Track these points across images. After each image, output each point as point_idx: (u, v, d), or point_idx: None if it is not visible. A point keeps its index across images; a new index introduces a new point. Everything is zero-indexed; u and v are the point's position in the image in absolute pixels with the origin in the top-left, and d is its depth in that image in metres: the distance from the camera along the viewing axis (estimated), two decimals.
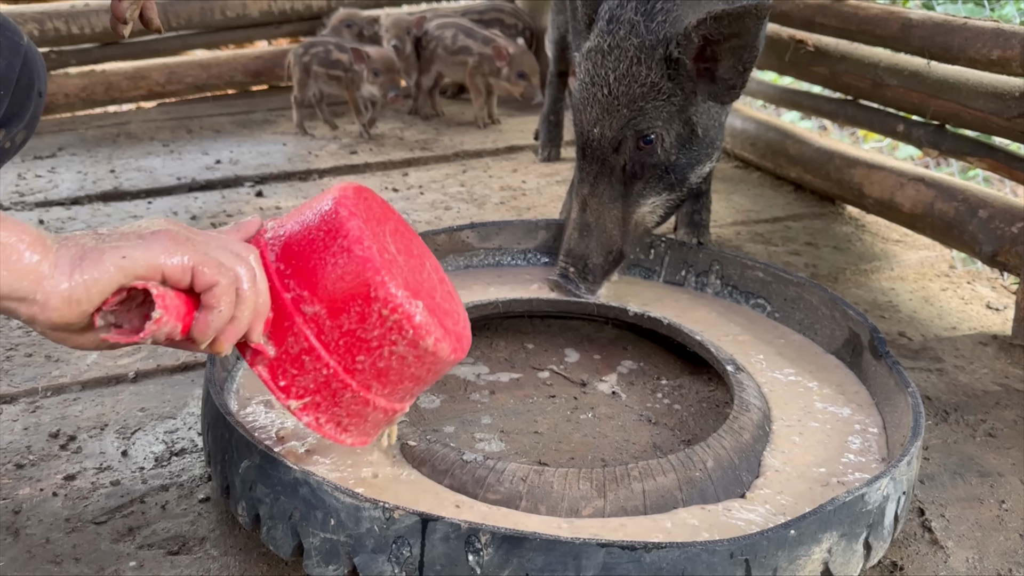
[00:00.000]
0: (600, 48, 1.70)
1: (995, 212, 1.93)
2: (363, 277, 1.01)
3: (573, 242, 1.76)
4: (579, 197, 1.78)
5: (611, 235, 1.77)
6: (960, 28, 1.94)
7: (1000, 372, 1.70)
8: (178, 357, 1.72)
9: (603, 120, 1.71)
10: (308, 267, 1.02)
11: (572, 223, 1.78)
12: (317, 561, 1.05)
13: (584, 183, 1.77)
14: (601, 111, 1.70)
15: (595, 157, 1.74)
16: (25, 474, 1.37)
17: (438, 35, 3.38)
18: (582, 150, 1.76)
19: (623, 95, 1.68)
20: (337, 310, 1.02)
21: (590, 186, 1.76)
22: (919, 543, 1.25)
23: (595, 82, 1.70)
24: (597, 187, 1.76)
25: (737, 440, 1.30)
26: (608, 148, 1.73)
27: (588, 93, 1.72)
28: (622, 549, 0.97)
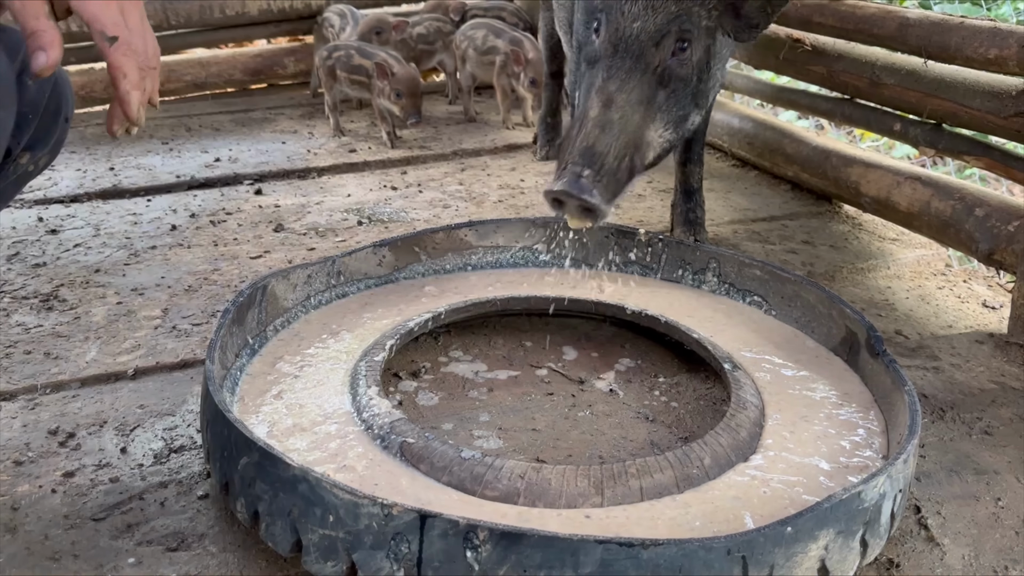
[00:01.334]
0: None
1: (991, 211, 1.94)
2: None
3: (592, 139, 1.58)
4: (603, 94, 1.64)
5: (634, 138, 1.65)
6: (957, 27, 1.95)
7: (996, 370, 1.70)
8: (177, 355, 1.73)
9: (647, 14, 1.65)
10: None
11: (590, 120, 1.62)
12: (316, 557, 1.06)
13: (613, 79, 1.65)
14: (647, 5, 1.65)
15: (630, 52, 1.66)
16: (24, 471, 1.37)
17: (470, 35, 3.38)
18: (614, 46, 1.66)
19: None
20: None
21: (620, 82, 1.65)
22: (915, 540, 1.25)
23: None
24: (627, 84, 1.65)
25: (734, 438, 1.31)
26: (648, 43, 1.66)
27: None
28: (619, 546, 0.97)
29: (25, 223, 2.46)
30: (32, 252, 2.25)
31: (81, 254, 2.24)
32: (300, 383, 1.46)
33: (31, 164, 1.49)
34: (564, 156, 1.60)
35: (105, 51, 1.12)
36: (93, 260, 2.20)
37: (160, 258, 2.22)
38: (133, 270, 2.15)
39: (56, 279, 2.08)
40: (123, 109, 1.16)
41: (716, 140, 3.07)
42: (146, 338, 1.80)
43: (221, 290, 2.03)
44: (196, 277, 2.10)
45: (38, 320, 1.88)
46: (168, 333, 1.82)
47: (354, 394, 1.40)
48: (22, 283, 2.06)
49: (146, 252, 2.26)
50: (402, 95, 3.02)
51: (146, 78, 1.16)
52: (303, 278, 1.70)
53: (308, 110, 3.74)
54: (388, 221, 2.46)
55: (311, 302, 1.71)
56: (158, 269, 2.15)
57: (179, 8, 3.79)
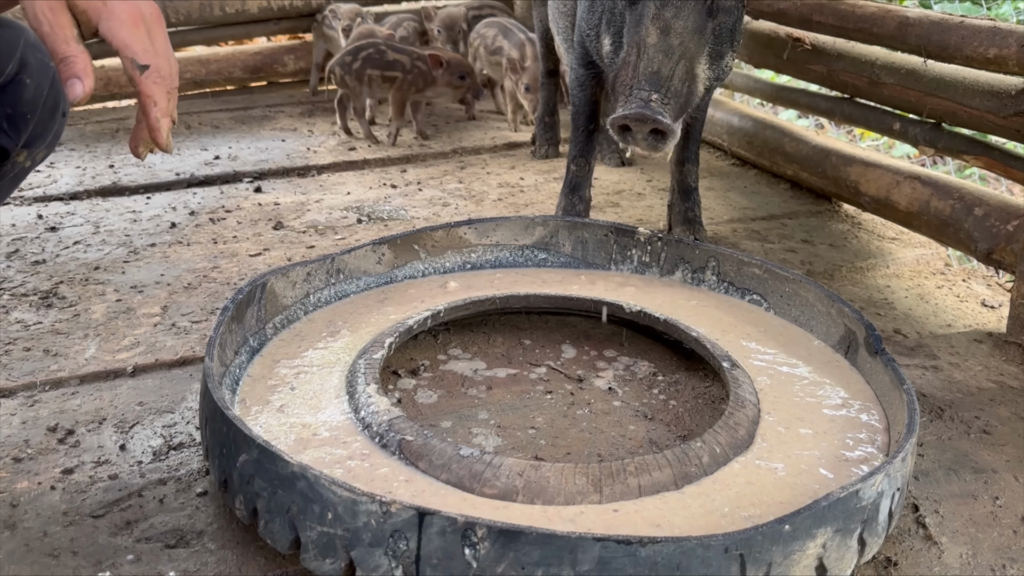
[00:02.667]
0: None
1: (991, 210, 1.94)
2: None
3: (657, 64, 1.58)
4: (659, 21, 1.63)
5: (692, 65, 1.66)
6: (957, 27, 1.95)
7: (995, 369, 1.71)
8: (177, 352, 1.73)
9: None
10: None
11: (651, 47, 1.60)
12: (314, 555, 1.06)
13: (668, 6, 1.64)
14: None
15: None
16: (23, 468, 1.37)
17: (483, 33, 3.39)
18: None
19: None
20: None
21: (675, 9, 1.64)
22: (913, 539, 1.25)
23: None
24: (682, 11, 1.64)
25: (733, 436, 1.31)
26: None
27: None
28: (617, 543, 0.97)
29: (25, 220, 2.46)
30: (32, 249, 2.25)
31: (81, 251, 2.24)
32: (301, 381, 1.46)
33: (28, 160, 1.48)
34: (626, 82, 1.59)
35: (136, 79, 1.12)
36: (93, 257, 2.21)
37: (160, 255, 2.22)
38: (132, 267, 2.15)
39: (56, 276, 2.08)
40: (153, 136, 1.16)
41: (715, 139, 3.07)
42: (145, 335, 1.80)
43: (220, 288, 2.03)
44: (195, 275, 2.10)
45: (37, 317, 1.88)
46: (167, 330, 1.82)
47: (352, 392, 1.40)
48: (21, 280, 2.06)
49: (145, 249, 2.26)
50: (466, 76, 3.07)
51: (171, 99, 1.17)
52: (302, 276, 1.70)
53: (308, 108, 3.74)
54: (388, 219, 2.46)
55: (311, 300, 1.71)
56: (157, 266, 2.15)
57: (179, 6, 3.79)
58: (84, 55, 1.08)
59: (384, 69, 3.10)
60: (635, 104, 1.54)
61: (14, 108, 1.44)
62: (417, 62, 3.06)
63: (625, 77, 1.61)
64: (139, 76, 1.11)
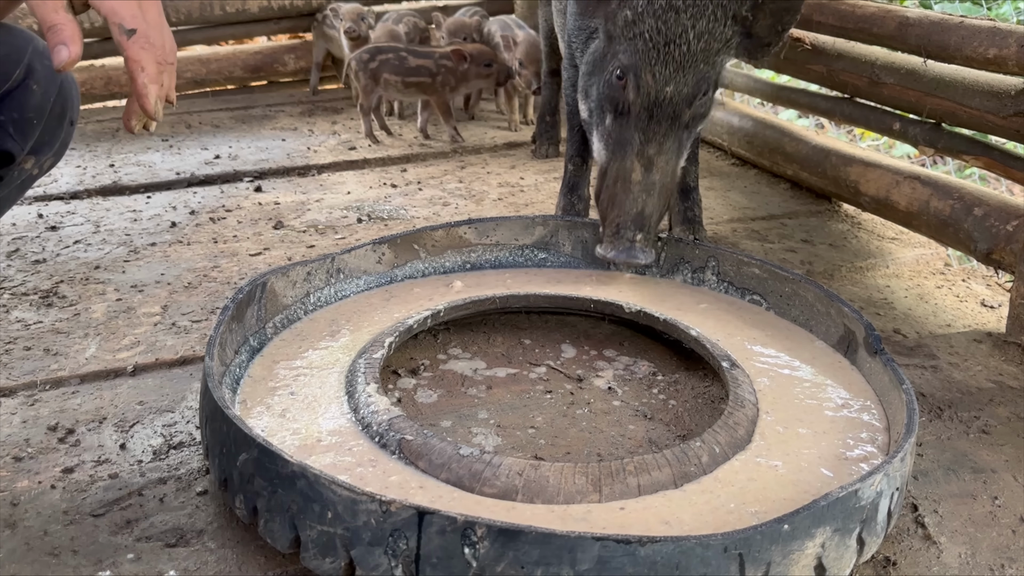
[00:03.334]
0: (673, 6, 1.67)
1: (990, 210, 1.94)
2: None
3: (641, 204, 1.71)
4: (643, 158, 1.73)
5: (671, 189, 1.79)
6: (957, 27, 1.95)
7: (994, 369, 1.71)
8: (177, 351, 1.73)
9: (679, 77, 1.70)
10: None
11: (636, 184, 1.72)
12: (314, 554, 1.06)
13: (651, 143, 1.73)
14: (676, 68, 1.69)
15: (666, 115, 1.72)
16: (23, 467, 1.37)
17: (492, 31, 3.40)
18: (649, 111, 1.71)
19: (702, 51, 1.70)
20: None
21: (658, 145, 1.73)
22: (912, 539, 1.26)
23: (669, 40, 1.68)
24: (664, 144, 1.73)
25: (732, 435, 1.31)
26: (683, 104, 1.73)
27: (660, 53, 1.68)
28: (617, 543, 0.97)
29: (25, 220, 2.46)
30: (32, 248, 2.25)
31: (81, 251, 2.25)
32: (301, 383, 1.46)
33: (35, 168, 1.48)
34: (613, 217, 1.73)
35: (123, 44, 1.11)
36: (93, 257, 2.21)
37: (160, 255, 2.23)
38: (133, 267, 2.15)
39: (56, 275, 2.09)
40: (141, 103, 1.15)
41: (716, 139, 3.08)
42: (145, 335, 1.80)
43: (221, 287, 2.03)
44: (196, 274, 2.10)
45: (38, 316, 1.88)
46: (168, 330, 1.82)
47: (352, 391, 1.40)
48: (22, 279, 2.06)
49: (146, 249, 2.26)
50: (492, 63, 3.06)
51: (163, 73, 1.16)
52: (303, 275, 1.70)
53: (308, 107, 3.75)
54: (388, 219, 2.46)
55: (311, 299, 1.72)
56: (158, 266, 2.16)
57: (180, 5, 3.80)
58: (72, 23, 1.09)
59: (406, 75, 3.07)
60: (623, 248, 1.71)
61: (20, 113, 1.44)
62: (442, 61, 3.05)
63: (611, 203, 1.75)
64: (126, 40, 1.11)
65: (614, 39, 1.76)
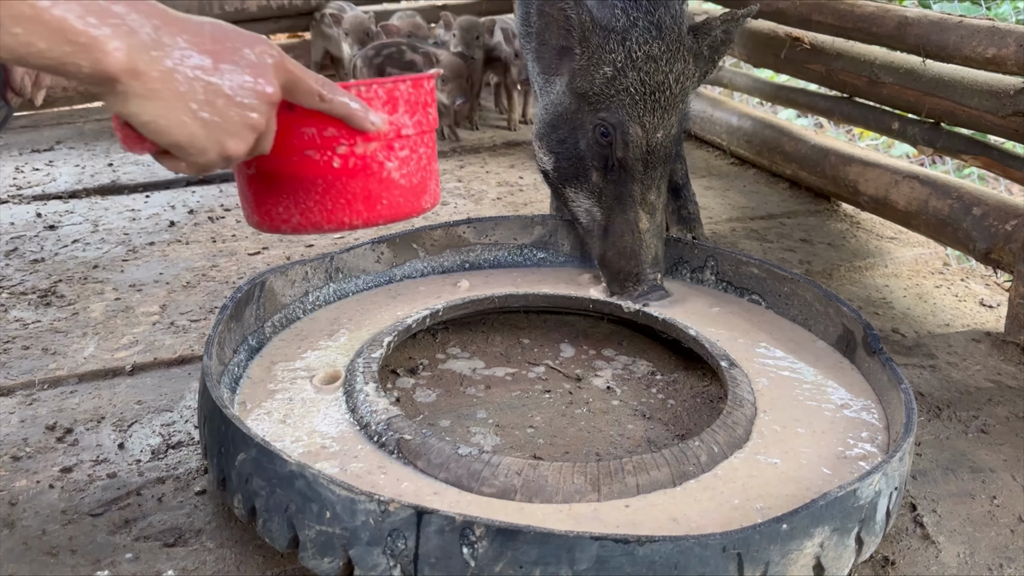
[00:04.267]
0: (652, 56, 1.70)
1: (989, 210, 1.94)
2: None
3: (655, 248, 1.75)
4: (646, 206, 1.76)
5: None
6: (956, 26, 1.95)
7: (993, 369, 1.71)
8: (175, 351, 1.73)
9: (665, 122, 1.73)
10: None
11: (647, 232, 1.75)
12: (312, 553, 1.06)
13: (651, 190, 1.76)
14: (663, 114, 1.73)
15: (660, 160, 1.75)
16: (21, 466, 1.37)
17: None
18: (644, 162, 1.74)
19: (680, 93, 1.74)
20: None
21: (656, 191, 1.77)
22: (911, 538, 1.26)
23: (655, 89, 1.71)
24: (661, 187, 1.78)
25: (731, 435, 1.31)
26: (673, 146, 1.77)
27: (647, 103, 1.71)
28: (615, 542, 0.97)
29: (23, 219, 2.46)
30: (30, 248, 2.25)
31: (79, 250, 2.24)
32: (300, 377, 1.46)
33: None
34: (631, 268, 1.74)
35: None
36: (91, 256, 2.21)
37: (158, 254, 2.23)
38: (131, 266, 2.15)
39: (54, 275, 2.09)
40: None
41: (715, 138, 3.08)
42: (144, 334, 1.80)
43: (219, 286, 2.03)
44: (194, 273, 2.10)
45: (36, 316, 1.88)
46: (166, 329, 1.82)
47: (351, 390, 1.40)
48: (20, 279, 2.06)
49: (144, 248, 2.26)
50: (447, 80, 3.04)
51: None
52: (301, 274, 1.70)
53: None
54: None
55: (310, 299, 1.71)
56: (156, 265, 2.15)
57: (178, 5, 3.79)
58: None
59: (403, 69, 3.12)
60: (650, 291, 1.73)
61: None
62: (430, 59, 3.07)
63: (626, 261, 1.75)
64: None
65: (587, 97, 1.75)
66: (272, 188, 1.13)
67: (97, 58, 0.82)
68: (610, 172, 1.77)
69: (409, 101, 1.17)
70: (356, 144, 1.12)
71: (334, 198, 1.13)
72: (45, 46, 0.80)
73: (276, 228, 1.16)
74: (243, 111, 0.92)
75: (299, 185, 1.12)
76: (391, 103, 1.15)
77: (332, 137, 1.10)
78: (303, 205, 1.13)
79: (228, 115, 0.91)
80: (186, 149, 0.91)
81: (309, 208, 1.13)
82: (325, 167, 1.11)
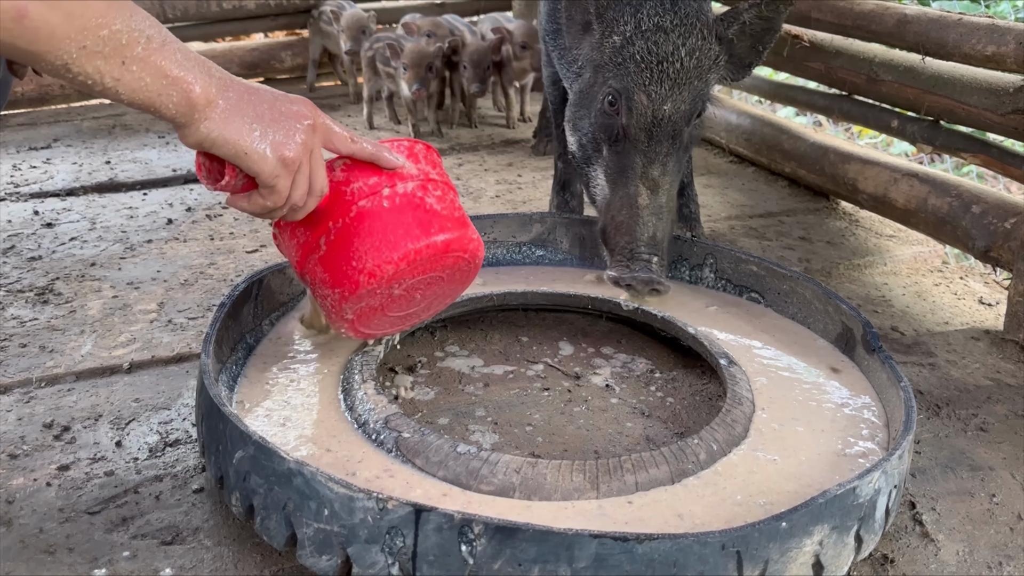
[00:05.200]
0: (661, 27, 1.69)
1: (988, 208, 1.94)
2: None
3: (652, 227, 1.69)
4: (647, 180, 1.71)
5: (674, 216, 1.79)
6: (955, 24, 1.95)
7: (992, 367, 1.71)
8: (173, 349, 1.72)
9: (676, 94, 1.70)
10: None
11: (644, 208, 1.70)
12: (311, 551, 1.05)
13: (654, 164, 1.72)
14: (672, 86, 1.70)
15: (666, 135, 1.72)
16: (19, 464, 1.37)
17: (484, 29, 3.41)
18: (648, 132, 1.71)
19: (694, 68, 1.71)
20: None
21: (661, 167, 1.72)
22: (910, 536, 1.25)
23: (662, 59, 1.69)
24: (667, 165, 1.73)
25: (730, 433, 1.31)
26: (682, 123, 1.73)
27: (653, 72, 1.69)
28: (614, 540, 0.97)
29: (21, 216, 2.45)
30: (28, 245, 2.25)
31: (77, 248, 2.24)
32: (298, 375, 1.46)
33: None
34: (624, 243, 1.68)
35: None
36: (89, 254, 2.20)
37: (156, 252, 2.22)
38: (129, 264, 2.14)
39: (52, 272, 2.08)
40: None
41: (714, 136, 3.07)
42: (141, 332, 1.80)
43: (217, 284, 2.02)
44: (192, 271, 2.10)
45: (33, 313, 1.87)
46: (164, 327, 1.82)
47: (348, 389, 1.39)
48: (17, 276, 2.06)
49: (142, 246, 2.26)
50: (407, 67, 2.99)
51: None
52: None
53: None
54: None
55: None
56: (154, 263, 2.15)
57: (176, 3, 3.78)
58: None
59: (386, 64, 3.14)
60: (639, 270, 1.65)
61: None
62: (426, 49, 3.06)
63: (620, 236, 1.70)
64: None
65: (601, 68, 1.75)
66: (343, 250, 1.28)
67: (185, 90, 1.07)
68: (616, 144, 1.75)
69: (427, 157, 1.36)
70: (396, 185, 1.29)
71: (393, 229, 1.27)
72: (151, 81, 1.04)
73: (356, 285, 1.28)
74: (289, 124, 1.16)
75: (363, 231, 1.27)
76: (412, 155, 1.34)
77: (376, 184, 1.29)
78: (371, 246, 1.27)
79: (278, 127, 1.15)
80: (251, 155, 1.12)
81: (376, 246, 1.27)
82: (379, 208, 1.28)
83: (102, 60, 0.99)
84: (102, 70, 1.00)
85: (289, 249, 1.34)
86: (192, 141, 1.11)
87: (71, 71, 0.98)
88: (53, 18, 0.94)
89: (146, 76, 1.03)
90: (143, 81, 1.03)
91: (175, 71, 1.06)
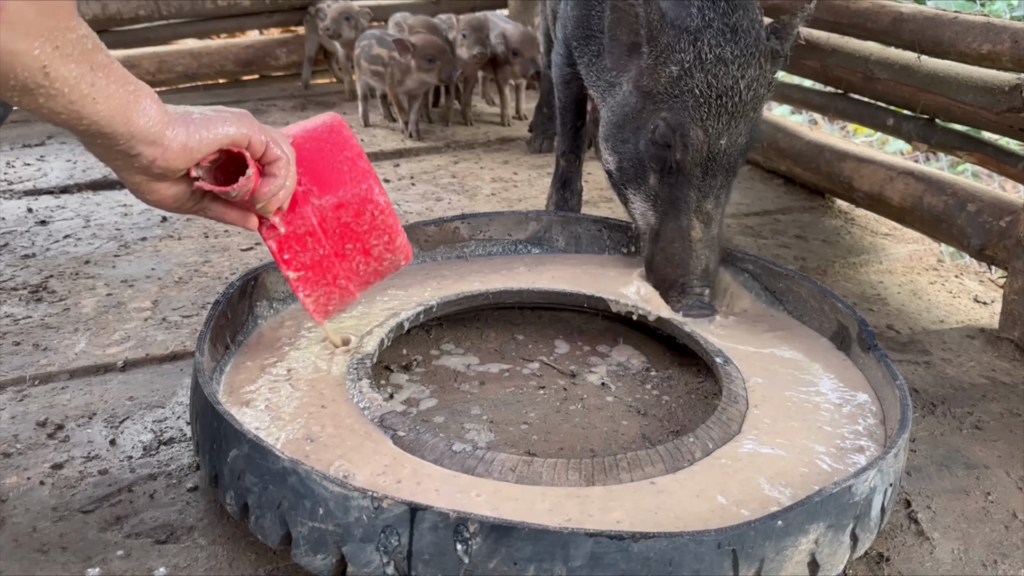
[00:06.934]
0: (722, 58, 1.62)
1: (984, 206, 1.94)
2: (365, 183, 1.35)
3: (705, 260, 1.70)
4: (701, 214, 1.69)
5: (723, 237, 1.77)
6: (951, 22, 1.95)
7: (987, 365, 1.71)
8: (167, 347, 1.72)
9: (732, 129, 1.65)
10: (318, 169, 1.33)
11: (698, 242, 1.69)
12: (305, 550, 1.05)
13: (708, 198, 1.69)
14: (730, 121, 1.64)
15: (721, 169, 1.68)
16: (12, 463, 1.36)
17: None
18: (704, 168, 1.67)
19: (751, 101, 1.66)
20: (338, 205, 1.34)
21: (715, 200, 1.70)
22: (905, 534, 1.26)
23: (722, 93, 1.62)
24: (719, 198, 1.71)
25: (725, 431, 1.31)
26: (738, 155, 1.70)
27: (712, 107, 1.63)
28: (610, 539, 0.97)
29: (14, 214, 2.44)
30: (21, 243, 2.24)
31: (71, 245, 2.23)
32: (294, 373, 1.46)
33: None
34: (677, 277, 1.70)
35: None
36: (83, 251, 2.19)
37: (150, 249, 2.21)
38: (123, 261, 2.14)
39: (45, 270, 2.07)
40: None
41: None
42: (136, 330, 1.79)
43: (212, 282, 2.02)
44: (186, 269, 2.09)
45: (27, 311, 1.86)
46: (158, 325, 1.81)
47: (344, 387, 1.39)
48: (11, 274, 2.05)
49: (136, 243, 2.25)
50: (434, 59, 2.96)
51: None
52: None
53: (300, 101, 3.73)
54: None
55: None
56: (148, 260, 2.14)
57: (171, 0, 3.77)
58: None
59: (371, 63, 3.12)
60: (693, 304, 1.69)
61: None
62: (393, 53, 3.03)
63: (673, 270, 1.71)
64: None
65: (652, 96, 1.68)
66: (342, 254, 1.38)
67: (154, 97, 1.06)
68: (668, 175, 1.70)
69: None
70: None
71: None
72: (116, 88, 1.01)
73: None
74: (217, 116, 1.16)
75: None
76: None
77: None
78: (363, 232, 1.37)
79: (216, 115, 1.16)
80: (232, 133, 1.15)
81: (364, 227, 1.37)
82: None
83: (75, 64, 0.95)
84: (76, 75, 0.95)
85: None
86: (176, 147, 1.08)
87: (48, 76, 0.93)
88: (28, 12, 0.90)
89: (112, 84, 1.00)
90: (111, 88, 1.00)
91: (132, 80, 1.03)
